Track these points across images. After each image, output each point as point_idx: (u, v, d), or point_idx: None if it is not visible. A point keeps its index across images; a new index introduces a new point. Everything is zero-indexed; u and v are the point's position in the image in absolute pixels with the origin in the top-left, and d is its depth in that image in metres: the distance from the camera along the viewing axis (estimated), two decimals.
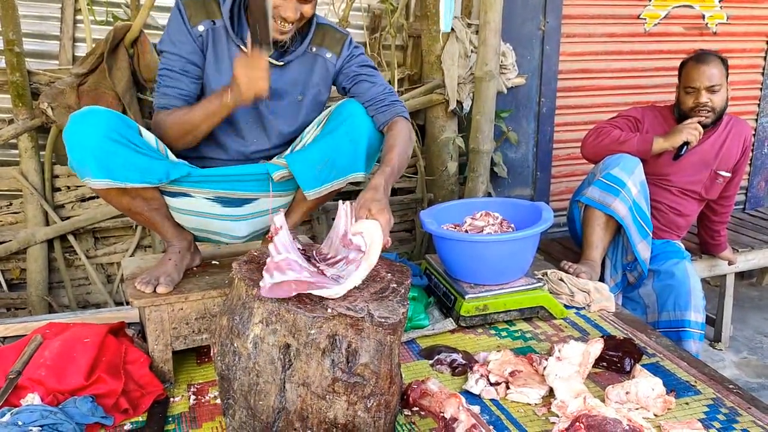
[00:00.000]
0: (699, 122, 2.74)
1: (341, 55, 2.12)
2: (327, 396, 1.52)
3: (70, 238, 3.05)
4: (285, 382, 1.53)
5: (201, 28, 1.97)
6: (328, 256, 1.76)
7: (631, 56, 3.89)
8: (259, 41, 1.81)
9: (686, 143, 2.71)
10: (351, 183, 2.10)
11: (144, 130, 1.90)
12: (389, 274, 1.71)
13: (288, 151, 2.12)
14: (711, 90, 2.72)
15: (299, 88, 2.09)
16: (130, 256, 3.11)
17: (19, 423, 1.52)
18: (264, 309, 1.52)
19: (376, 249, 1.64)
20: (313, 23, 2.06)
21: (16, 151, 2.95)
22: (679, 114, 2.84)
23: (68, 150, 1.78)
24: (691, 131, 2.69)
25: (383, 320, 1.52)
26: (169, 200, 2.01)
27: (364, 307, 1.52)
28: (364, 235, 1.66)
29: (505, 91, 3.46)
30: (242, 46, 1.97)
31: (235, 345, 1.57)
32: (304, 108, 2.12)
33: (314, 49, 2.09)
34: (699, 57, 2.77)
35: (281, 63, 2.03)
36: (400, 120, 2.06)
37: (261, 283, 1.49)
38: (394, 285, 1.65)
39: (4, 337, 2.17)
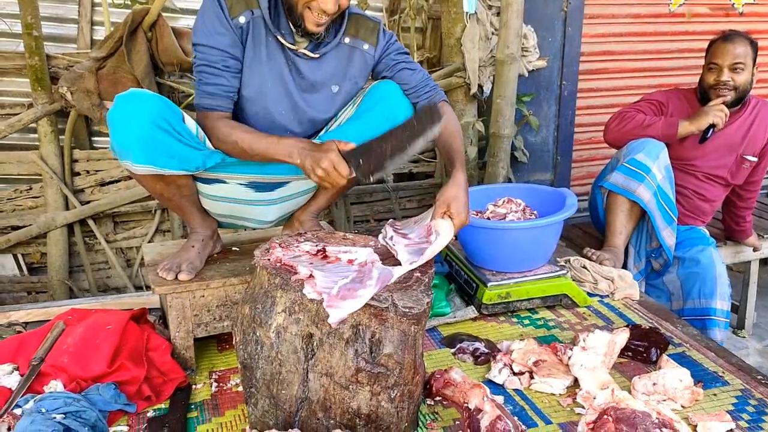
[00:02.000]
0: (723, 102, 2.68)
1: (378, 45, 2.06)
2: (350, 386, 1.51)
3: (90, 222, 3.06)
4: (308, 372, 1.52)
5: (242, 19, 1.87)
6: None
7: (655, 37, 3.81)
8: (360, 169, 1.72)
9: (712, 126, 2.65)
10: None
11: (186, 116, 1.84)
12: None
13: (322, 132, 2.09)
14: (734, 68, 2.66)
15: (335, 80, 2.03)
16: (149, 241, 3.12)
17: (43, 410, 1.52)
18: (287, 298, 1.51)
19: (440, 245, 1.72)
20: (345, 12, 2.02)
21: (36, 136, 2.96)
22: (701, 92, 2.79)
23: (112, 132, 1.74)
24: (717, 113, 2.63)
25: (407, 310, 1.50)
26: (202, 187, 2.00)
27: (388, 296, 1.50)
28: (438, 228, 1.77)
29: (526, 74, 3.41)
30: (280, 38, 1.92)
31: (258, 334, 1.55)
32: (339, 99, 2.07)
33: (348, 41, 2.02)
34: (727, 36, 2.71)
35: (317, 55, 1.97)
36: (445, 105, 2.07)
37: (330, 321, 1.43)
38: (418, 274, 1.63)
39: (26, 323, 2.18)
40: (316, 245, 1.68)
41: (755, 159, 2.84)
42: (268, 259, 1.59)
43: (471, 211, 2.38)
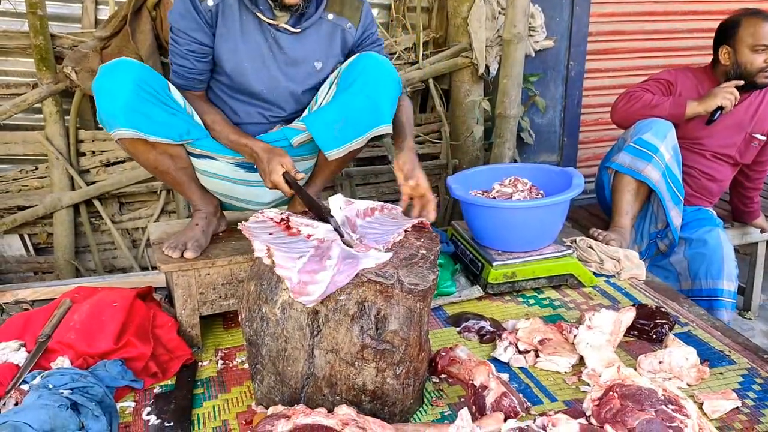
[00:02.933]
0: (763, 83, 2.67)
1: (359, 25, 2.06)
2: (356, 363, 1.51)
3: (96, 202, 3.05)
4: (313, 349, 1.52)
5: (210, 2, 1.89)
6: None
7: (664, 17, 3.76)
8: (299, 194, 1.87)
9: (720, 108, 2.62)
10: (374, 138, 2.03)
11: (173, 88, 1.90)
12: (418, 241, 1.69)
13: (305, 113, 2.08)
14: None
15: (318, 56, 2.02)
16: (155, 222, 3.12)
17: (50, 386, 1.53)
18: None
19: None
20: None
21: (41, 116, 2.94)
22: (739, 76, 2.69)
23: (97, 100, 1.79)
24: (726, 95, 2.60)
25: (413, 287, 1.50)
26: (195, 161, 2.00)
27: (394, 273, 1.50)
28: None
29: (533, 54, 3.37)
30: (259, 14, 1.92)
31: (263, 311, 1.56)
32: (322, 75, 2.06)
33: (331, 17, 2.01)
34: (765, 14, 2.64)
35: (297, 30, 1.97)
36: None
37: (304, 300, 1.47)
38: (424, 251, 1.63)
39: (33, 301, 2.19)
40: (281, 213, 1.69)
41: (764, 138, 2.82)
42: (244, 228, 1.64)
43: (477, 191, 2.39)
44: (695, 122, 2.75)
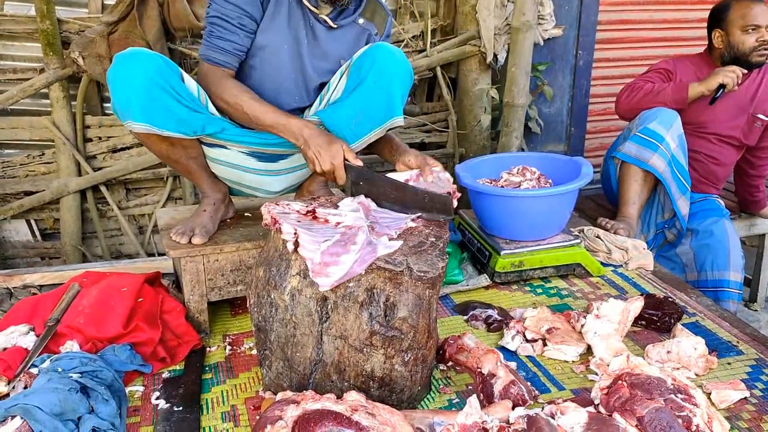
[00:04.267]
0: (757, 62, 2.67)
1: (384, 34, 2.10)
2: (364, 349, 1.51)
3: (103, 188, 3.06)
4: (322, 335, 1.52)
5: None
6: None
7: (674, 6, 3.73)
8: (354, 186, 1.80)
9: (722, 86, 2.61)
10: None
11: (186, 76, 1.85)
12: (427, 229, 1.68)
13: (319, 105, 2.07)
14: None
15: (344, 55, 2.02)
16: (162, 208, 3.12)
17: (59, 369, 1.53)
18: (302, 261, 1.50)
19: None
20: None
21: (48, 101, 2.94)
22: (733, 58, 2.71)
23: (112, 91, 1.76)
24: (728, 74, 2.59)
25: (422, 274, 1.50)
26: (206, 149, 1.99)
27: (403, 260, 1.49)
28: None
29: (542, 42, 3.36)
30: (305, 1, 1.91)
31: (272, 297, 1.56)
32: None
33: (362, 22, 2.03)
34: None
35: (335, 26, 1.98)
36: None
37: (321, 289, 1.48)
38: (433, 239, 1.62)
39: (41, 285, 2.19)
40: (307, 206, 1.68)
41: (766, 118, 2.81)
42: (269, 214, 1.61)
43: (485, 180, 2.38)
44: (698, 106, 2.74)
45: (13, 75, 2.88)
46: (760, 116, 2.80)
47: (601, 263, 2.35)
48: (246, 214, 2.18)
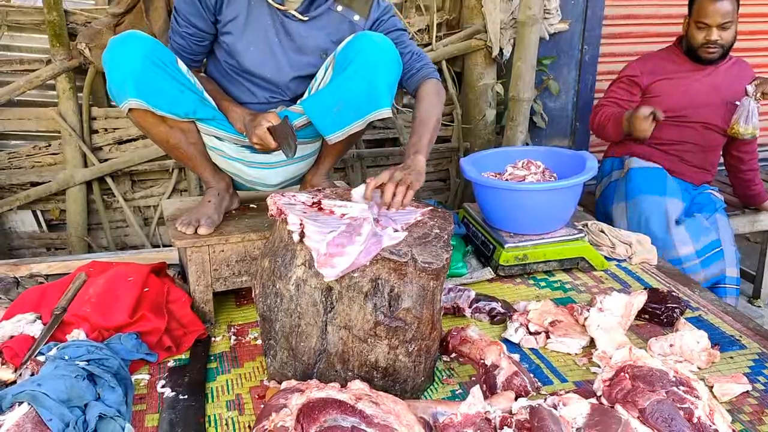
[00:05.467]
0: (705, 58, 2.69)
1: (369, 18, 2.02)
2: (368, 339, 1.53)
3: (108, 180, 3.06)
4: (327, 325, 1.54)
5: None
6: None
7: (680, 1, 3.69)
8: (284, 147, 1.89)
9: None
10: (379, 121, 2.01)
11: (180, 62, 1.92)
12: (431, 221, 1.69)
13: (305, 96, 2.07)
14: (722, 27, 2.63)
15: (324, 45, 2.01)
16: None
17: (66, 357, 1.55)
18: (307, 251, 1.51)
19: None
20: None
21: (54, 92, 2.95)
22: (687, 47, 2.76)
23: (108, 72, 1.81)
24: (640, 132, 2.56)
25: (427, 265, 1.51)
26: (204, 138, 2.02)
27: (408, 251, 1.50)
28: None
29: (547, 37, 3.35)
30: (272, 1, 1.93)
31: (277, 287, 1.57)
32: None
33: (340, 9, 2.00)
34: None
35: (305, 18, 1.96)
36: (426, 83, 2.01)
37: (326, 279, 1.49)
38: (437, 231, 1.63)
39: (48, 275, 2.21)
40: (313, 198, 1.69)
41: None
42: (275, 204, 1.63)
43: (489, 173, 2.39)
44: (676, 97, 2.76)
45: (20, 66, 2.88)
46: (737, 103, 2.79)
47: (605, 257, 2.36)
48: (251, 205, 2.20)
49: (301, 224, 1.52)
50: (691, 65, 2.78)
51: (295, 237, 1.53)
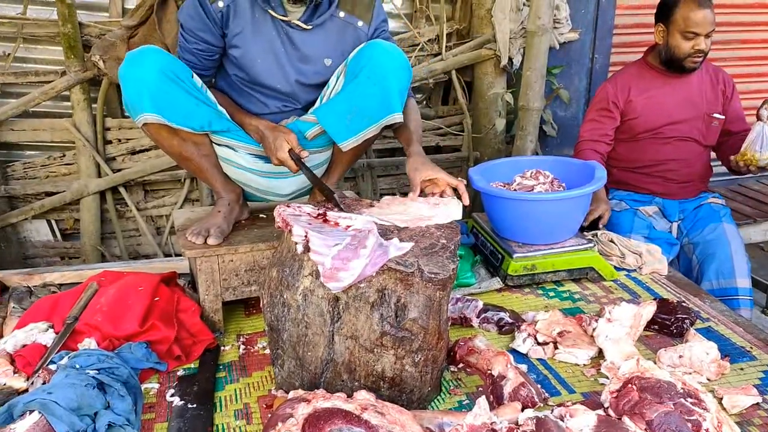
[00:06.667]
0: (690, 68, 2.61)
1: (372, 23, 2.07)
2: (375, 349, 1.53)
3: (121, 190, 3.11)
4: (333, 335, 1.54)
5: (221, 3, 1.92)
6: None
7: None
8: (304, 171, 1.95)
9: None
10: (387, 127, 2.02)
11: (196, 76, 1.94)
12: (439, 231, 1.69)
13: (316, 105, 2.10)
14: (708, 35, 2.56)
15: (328, 53, 2.04)
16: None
17: (77, 366, 1.56)
18: (314, 262, 1.52)
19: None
20: None
21: (69, 103, 2.99)
22: (668, 58, 2.64)
23: (123, 86, 1.83)
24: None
25: (433, 276, 1.51)
26: (217, 149, 2.04)
27: (414, 262, 1.51)
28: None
29: (557, 46, 3.35)
30: (271, 11, 1.95)
31: (285, 297, 1.58)
32: (332, 71, 2.07)
33: (343, 15, 2.02)
34: (700, 1, 2.54)
35: (309, 27, 1.98)
36: (409, 100, 2.11)
37: (332, 286, 1.50)
38: (444, 241, 1.64)
39: (61, 284, 2.23)
40: (318, 209, 1.70)
41: (722, 117, 2.75)
42: (280, 216, 1.64)
43: (498, 183, 2.39)
44: (651, 113, 2.69)
45: (35, 78, 2.93)
46: (716, 116, 2.74)
47: (615, 267, 2.35)
48: (261, 215, 2.21)
49: (305, 236, 1.53)
50: (663, 78, 2.70)
51: (299, 249, 1.54)
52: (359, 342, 1.53)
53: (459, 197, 1.88)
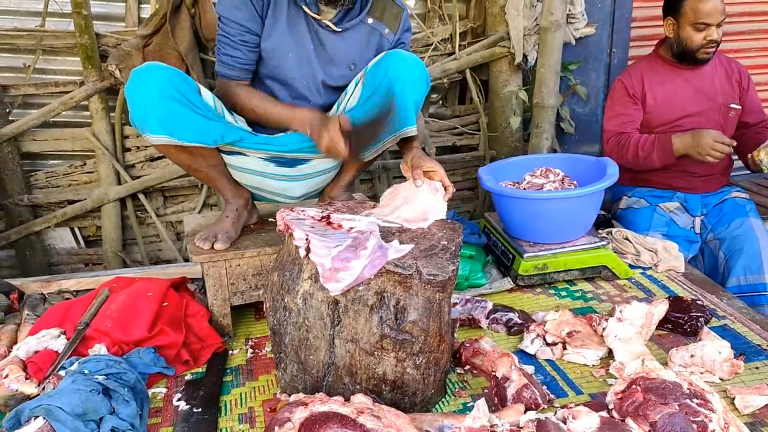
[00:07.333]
0: (703, 59, 2.56)
1: (397, 32, 2.09)
2: (375, 352, 1.53)
3: (141, 196, 3.15)
4: (334, 338, 1.54)
5: None
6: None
7: None
8: (357, 148, 1.87)
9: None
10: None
11: (203, 89, 1.93)
12: (440, 232, 1.69)
13: (335, 112, 2.09)
14: (720, 24, 2.51)
15: (353, 57, 2.05)
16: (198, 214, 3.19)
17: (86, 372, 1.59)
18: (313, 265, 1.53)
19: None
20: None
21: (88, 113, 3.05)
22: (680, 51, 2.60)
23: (129, 105, 1.83)
24: (710, 156, 2.46)
25: (432, 277, 1.50)
26: (225, 157, 2.04)
27: (413, 264, 1.50)
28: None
29: (573, 42, 3.30)
30: (305, 8, 1.95)
31: (286, 300, 1.59)
32: (355, 74, 2.08)
33: (371, 21, 2.04)
34: None
35: (339, 29, 1.99)
36: None
37: (331, 294, 1.51)
38: (445, 242, 1.63)
39: (77, 291, 2.28)
40: (322, 212, 1.70)
41: (739, 107, 2.69)
42: (282, 220, 1.65)
43: (508, 182, 2.37)
44: (667, 107, 2.65)
45: (55, 88, 2.99)
46: (733, 106, 2.68)
47: (630, 265, 2.31)
48: (270, 219, 2.23)
49: (306, 239, 1.54)
50: (676, 71, 2.66)
51: (302, 252, 1.54)
52: (359, 345, 1.53)
53: None
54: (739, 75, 2.70)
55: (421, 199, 1.83)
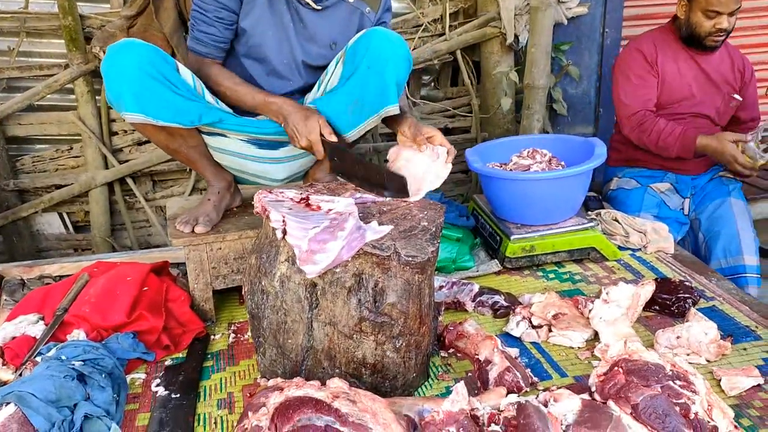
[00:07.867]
0: (711, 46, 2.53)
1: (378, 10, 2.05)
2: (354, 335, 1.50)
3: (129, 181, 3.12)
4: (312, 321, 1.52)
5: None
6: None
7: None
8: (333, 162, 1.84)
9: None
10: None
11: (182, 67, 1.88)
12: (421, 213, 1.65)
13: (317, 92, 2.06)
14: (732, 14, 2.46)
15: (334, 36, 2.01)
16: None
17: (63, 357, 1.57)
18: (290, 247, 1.50)
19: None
20: None
21: (74, 96, 3.01)
22: (688, 35, 2.57)
23: (105, 82, 1.79)
24: (739, 168, 2.42)
25: (410, 258, 1.48)
26: (206, 138, 2.01)
27: (391, 245, 1.47)
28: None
29: (565, 21, 3.25)
30: None
31: (263, 284, 1.56)
32: (336, 53, 2.04)
33: (352, 0, 2.00)
34: None
35: (319, 7, 1.95)
36: None
37: (308, 276, 1.48)
38: (425, 223, 1.60)
39: (59, 276, 2.25)
40: (301, 194, 1.67)
41: (740, 99, 2.67)
42: (259, 202, 1.61)
43: (495, 163, 2.33)
44: (671, 89, 2.62)
45: (40, 71, 2.95)
46: (736, 96, 2.66)
47: (619, 247, 2.28)
48: (253, 202, 2.19)
49: (283, 221, 1.51)
50: (686, 52, 2.62)
51: (279, 234, 1.51)
52: (338, 328, 1.50)
53: None
54: (743, 67, 2.67)
55: (424, 163, 1.84)
